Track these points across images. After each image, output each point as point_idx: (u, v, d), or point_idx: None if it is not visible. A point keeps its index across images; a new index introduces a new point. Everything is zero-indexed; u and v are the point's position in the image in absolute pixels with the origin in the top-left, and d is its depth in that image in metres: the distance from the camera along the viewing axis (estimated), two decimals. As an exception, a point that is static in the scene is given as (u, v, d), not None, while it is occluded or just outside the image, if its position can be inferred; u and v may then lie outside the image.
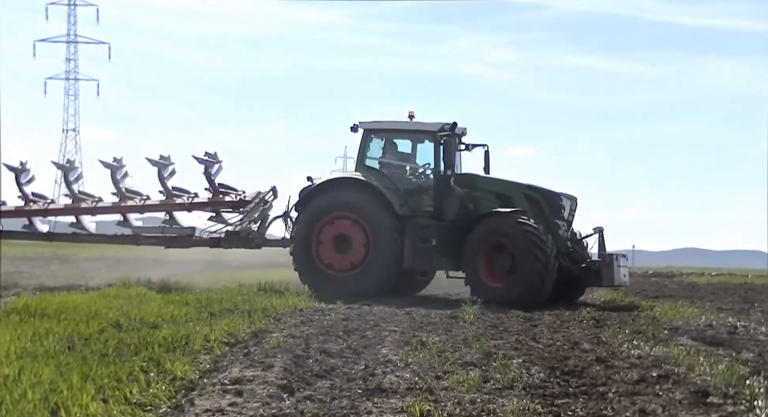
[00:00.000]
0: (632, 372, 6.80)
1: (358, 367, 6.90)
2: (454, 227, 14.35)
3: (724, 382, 6.29)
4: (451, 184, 14.56)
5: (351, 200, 14.67)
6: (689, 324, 10.50)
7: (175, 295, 12.63)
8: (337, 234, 14.73)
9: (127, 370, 6.29)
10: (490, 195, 14.75)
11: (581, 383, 6.40)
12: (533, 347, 8.26)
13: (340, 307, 12.07)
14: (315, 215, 14.88)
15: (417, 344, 8.10)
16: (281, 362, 6.84)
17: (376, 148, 15.41)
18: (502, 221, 13.94)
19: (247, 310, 10.62)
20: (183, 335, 8.06)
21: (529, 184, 14.93)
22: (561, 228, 14.45)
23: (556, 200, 14.62)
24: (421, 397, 5.64)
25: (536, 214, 14.21)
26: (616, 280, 14.19)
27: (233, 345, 7.97)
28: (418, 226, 14.45)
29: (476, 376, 6.41)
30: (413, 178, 15.26)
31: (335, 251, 14.74)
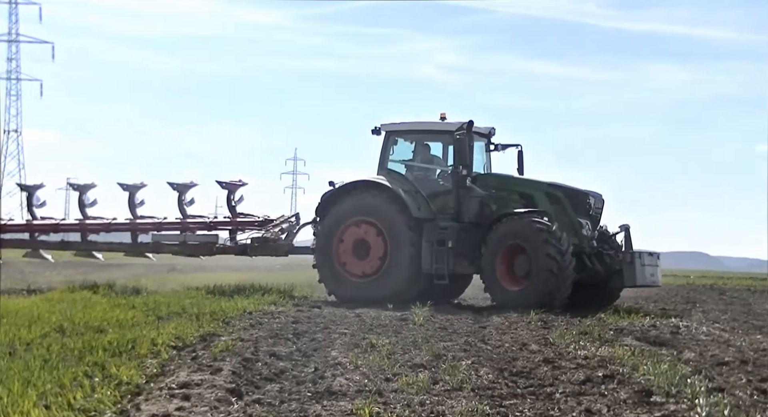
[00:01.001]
0: (578, 372, 6.88)
1: (307, 369, 6.87)
2: (474, 229, 14.05)
3: (667, 381, 6.40)
4: (468, 185, 14.20)
5: (369, 204, 14.41)
6: (634, 324, 10.67)
7: (122, 299, 12.45)
8: (357, 239, 14.48)
9: (70, 375, 6.18)
10: (514, 195, 14.39)
11: (529, 384, 6.46)
12: (482, 349, 8.32)
13: (290, 309, 12.02)
14: (335, 221, 14.65)
15: (367, 346, 8.09)
16: (230, 366, 6.78)
17: (399, 150, 15.17)
18: (518, 222, 13.53)
19: (196, 314, 10.51)
20: (129, 339, 7.94)
21: (552, 182, 14.50)
22: (585, 226, 13.97)
23: (579, 197, 14.19)
24: (371, 400, 5.64)
25: (559, 213, 13.81)
26: (639, 280, 13.61)
27: (181, 349, 7.87)
28: (435, 229, 14.13)
29: (425, 377, 6.42)
30: (437, 180, 14.96)
31: (355, 257, 14.47)
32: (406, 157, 15.17)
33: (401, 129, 15.16)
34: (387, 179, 14.59)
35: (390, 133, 15.08)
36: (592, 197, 14.26)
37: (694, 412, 5.45)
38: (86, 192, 17.84)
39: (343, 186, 14.75)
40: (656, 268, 14.13)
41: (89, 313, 10.04)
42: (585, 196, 14.19)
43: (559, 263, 12.96)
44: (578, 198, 14.14)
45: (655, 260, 14.08)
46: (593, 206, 14.22)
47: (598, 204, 14.38)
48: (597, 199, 14.36)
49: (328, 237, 14.64)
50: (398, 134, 15.14)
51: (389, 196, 14.29)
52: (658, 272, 14.16)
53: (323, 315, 11.33)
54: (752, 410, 5.64)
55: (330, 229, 14.66)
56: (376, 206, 14.33)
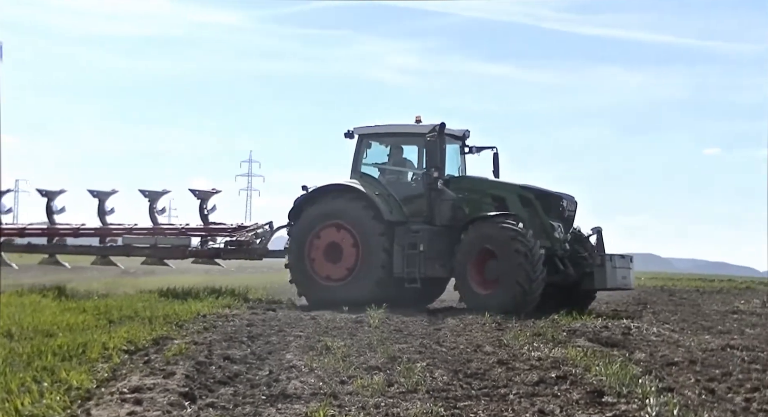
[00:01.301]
0: (532, 373, 6.94)
1: (262, 373, 6.83)
2: (446, 232, 13.91)
3: (618, 381, 6.49)
4: (440, 188, 14.09)
5: (341, 208, 14.31)
6: (586, 326, 10.79)
7: (72, 303, 12.24)
8: (329, 243, 14.37)
9: (18, 380, 6.05)
10: (487, 197, 14.26)
11: (483, 385, 6.49)
12: (437, 351, 8.34)
13: (244, 312, 11.94)
14: (307, 224, 14.55)
15: (322, 349, 8.07)
16: (183, 369, 6.71)
17: (373, 154, 15.07)
18: (488, 226, 13.40)
19: (148, 317, 10.38)
20: (80, 344, 7.81)
21: (524, 184, 14.42)
22: (557, 229, 13.87)
23: (551, 200, 14.12)
24: (326, 402, 5.62)
25: (531, 216, 13.75)
26: (609, 283, 13.55)
27: (133, 353, 7.77)
28: (407, 232, 14.01)
29: (380, 380, 6.43)
30: (410, 184, 14.87)
31: (327, 260, 14.37)
32: (380, 160, 15.06)
33: (374, 132, 15.06)
34: (359, 183, 14.50)
35: (363, 136, 15.00)
36: (564, 200, 14.22)
37: (645, 412, 5.53)
38: (54, 198, 17.44)
39: (315, 190, 14.65)
40: (628, 270, 14.05)
41: (38, 317, 9.85)
42: (557, 199, 14.15)
43: (527, 267, 12.83)
44: (550, 200, 14.09)
45: (627, 263, 14.03)
46: (566, 209, 14.18)
47: (571, 206, 14.33)
48: (569, 202, 14.33)
49: (300, 240, 14.57)
50: (371, 137, 15.06)
51: (361, 199, 14.23)
52: (630, 275, 14.09)
53: (278, 318, 11.28)
54: (701, 409, 5.74)
55: (303, 232, 14.58)
56: (348, 210, 14.25)
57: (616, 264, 13.61)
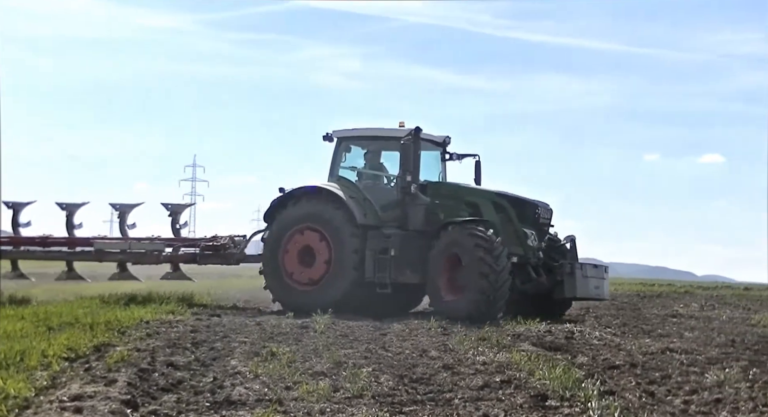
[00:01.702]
0: (477, 378, 7.00)
1: (206, 379, 6.76)
2: (419, 237, 13.69)
3: (561, 385, 6.58)
4: (414, 192, 13.90)
5: (314, 211, 14.07)
6: (530, 330, 10.91)
7: (10, 310, 11.95)
8: (302, 246, 14.13)
9: (-47, 389, 5.89)
10: (462, 204, 14.02)
11: (429, 390, 6.52)
12: (383, 356, 8.36)
13: (188, 318, 11.79)
14: (281, 228, 14.31)
15: (267, 355, 8.02)
16: (125, 377, 6.60)
17: (353, 158, 14.83)
18: (457, 232, 13.17)
19: (89, 324, 10.19)
20: (18, 351, 7.61)
21: (499, 191, 14.25)
22: (530, 236, 13.61)
23: (525, 207, 13.91)
24: (271, 409, 5.59)
25: (504, 223, 13.55)
26: (579, 292, 13.31)
27: (73, 360, 7.61)
28: (379, 237, 13.80)
29: (326, 385, 6.42)
30: (387, 188, 14.61)
31: (301, 264, 14.11)
32: (360, 164, 14.84)
33: (352, 135, 14.86)
34: (334, 186, 14.25)
35: (342, 139, 14.78)
36: (539, 208, 14.00)
37: (587, 415, 5.62)
38: (21, 210, 16.93)
39: (289, 192, 14.42)
40: (602, 280, 13.83)
41: (-25, 324, 9.60)
42: (532, 206, 13.95)
43: (491, 275, 12.62)
44: (524, 208, 13.90)
45: (601, 273, 13.87)
46: (541, 216, 13.95)
47: (546, 214, 14.13)
48: (545, 210, 14.11)
49: (274, 244, 14.36)
50: (350, 141, 14.86)
51: (334, 202, 13.99)
52: (604, 285, 13.87)
53: (223, 324, 11.17)
54: (641, 412, 5.85)
55: (277, 236, 14.32)
56: (322, 213, 14.03)
57: (587, 273, 13.43)
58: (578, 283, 13.21)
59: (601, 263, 14.08)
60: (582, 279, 13.26)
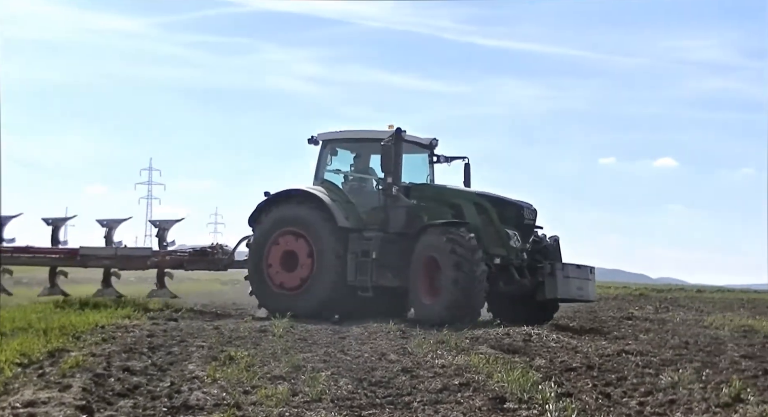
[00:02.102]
0: (436, 381, 7.02)
1: (163, 384, 6.70)
2: (400, 240, 13.49)
3: (519, 387, 6.63)
4: (395, 194, 13.72)
5: (297, 214, 13.95)
6: (489, 333, 10.97)
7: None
8: (285, 250, 14.01)
9: None
10: (444, 205, 13.82)
11: (388, 393, 6.53)
12: (341, 359, 8.34)
13: (144, 323, 11.66)
14: (265, 231, 14.17)
15: (225, 359, 7.96)
16: (80, 382, 6.51)
17: (340, 161, 14.70)
18: (432, 234, 12.96)
19: (43, 329, 10.02)
20: (-31, 357, 7.48)
21: (480, 191, 14.11)
22: (513, 237, 13.37)
23: (507, 208, 13.66)
24: (229, 413, 5.55)
25: (485, 224, 13.35)
26: (561, 292, 12.95)
27: (26, 366, 7.48)
28: (360, 239, 13.64)
29: (285, 389, 6.39)
30: (371, 191, 14.43)
31: (284, 268, 13.99)
32: (347, 167, 14.75)
33: (337, 138, 14.75)
34: (317, 189, 14.16)
35: (326, 142, 14.68)
36: (522, 208, 13.72)
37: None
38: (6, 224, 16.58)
39: (272, 196, 14.25)
40: (587, 281, 13.47)
41: (-77, 330, 9.39)
42: (514, 207, 13.70)
43: (466, 276, 12.41)
44: (507, 208, 13.65)
45: (585, 274, 13.48)
46: (525, 217, 13.69)
47: (530, 215, 13.82)
48: (528, 210, 13.81)
49: (258, 249, 14.20)
50: (335, 143, 14.74)
51: (316, 205, 13.87)
52: (589, 286, 13.48)
53: (180, 328, 11.06)
54: (597, 413, 5.92)
55: (260, 240, 14.20)
56: (304, 216, 13.92)
57: (569, 273, 13.10)
58: (559, 284, 12.89)
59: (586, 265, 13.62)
60: (563, 280, 12.95)
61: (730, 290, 45.22)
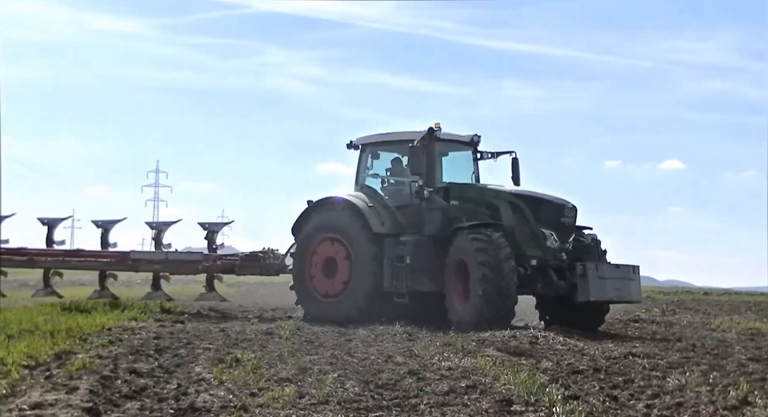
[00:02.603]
0: (442, 383, 7.01)
1: (170, 386, 6.69)
2: (435, 243, 13.06)
3: (526, 390, 6.61)
4: (428, 196, 13.31)
5: (335, 221, 13.88)
6: (495, 335, 10.95)
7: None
8: (325, 257, 13.97)
9: None
10: (481, 206, 13.27)
11: (394, 396, 6.51)
12: (348, 361, 8.33)
13: (151, 325, 11.68)
14: (306, 239, 14.18)
15: (231, 361, 7.97)
16: (87, 384, 6.51)
17: (378, 164, 14.48)
18: (462, 237, 12.51)
19: (50, 331, 10.05)
20: (-24, 359, 7.50)
21: (517, 190, 13.56)
22: (549, 237, 12.77)
23: (543, 207, 13.02)
24: (236, 415, 5.55)
25: (521, 224, 12.82)
26: (593, 294, 12.15)
27: (33, 368, 7.49)
28: (396, 244, 13.35)
29: (291, 391, 6.38)
30: (407, 194, 13.99)
31: (324, 275, 13.95)
32: (376, 170, 14.54)
33: (375, 141, 14.54)
34: (355, 195, 14.06)
35: (365, 146, 14.51)
36: (559, 206, 13.05)
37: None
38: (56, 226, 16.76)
39: (313, 204, 14.22)
40: (628, 281, 12.60)
41: (-69, 332, 9.41)
42: (551, 205, 13.05)
43: (493, 278, 11.95)
44: (543, 207, 13.00)
45: (626, 273, 12.62)
46: (564, 215, 12.98)
47: (569, 213, 13.06)
48: (566, 208, 13.06)
49: (301, 256, 14.19)
50: (374, 147, 14.50)
51: (352, 211, 13.76)
52: (631, 286, 12.61)
53: (186, 330, 11.08)
54: (605, 416, 5.90)
55: (302, 248, 14.20)
56: (341, 223, 13.83)
57: (604, 274, 12.33)
58: (592, 286, 12.11)
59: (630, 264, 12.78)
60: (597, 281, 12.17)
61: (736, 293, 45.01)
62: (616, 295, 12.54)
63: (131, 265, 16.15)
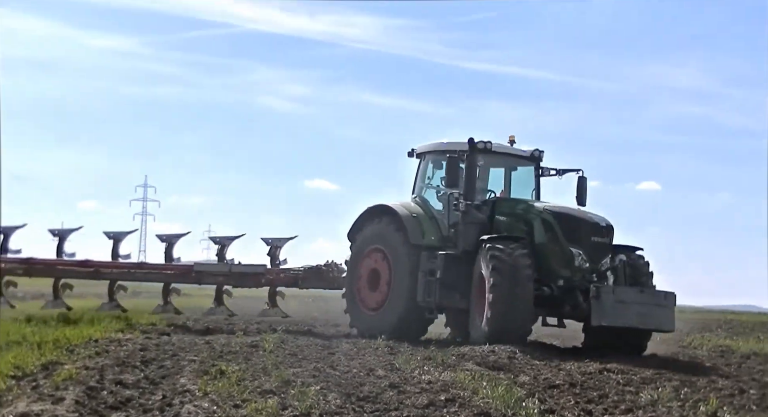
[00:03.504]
0: (422, 396, 6.99)
1: (155, 397, 6.65)
2: (468, 258, 12.18)
3: (504, 403, 6.62)
4: (464, 209, 12.49)
5: (380, 231, 13.23)
6: (474, 350, 10.95)
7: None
8: (371, 269, 13.36)
9: None
10: (519, 221, 12.43)
11: (375, 408, 6.50)
12: (331, 374, 8.31)
13: (137, 337, 11.60)
14: (356, 249, 13.60)
15: (216, 373, 7.92)
16: (73, 395, 6.46)
17: (438, 174, 13.46)
18: (483, 251, 11.74)
19: (37, 342, 9.96)
20: (-36, 369, 7.42)
21: (550, 205, 12.50)
22: (578, 257, 11.79)
23: (572, 224, 11.99)
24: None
25: (551, 241, 11.92)
26: (609, 319, 11.00)
27: (20, 378, 7.41)
28: (430, 258, 12.57)
29: (274, 403, 6.35)
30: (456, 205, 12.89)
31: (369, 287, 13.37)
32: (434, 181, 13.68)
33: (433, 150, 13.65)
34: (403, 204, 13.33)
35: (423, 154, 13.78)
36: (591, 225, 11.95)
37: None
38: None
39: (362, 213, 13.57)
40: (656, 307, 11.27)
41: None
42: (580, 222, 12.00)
43: (502, 294, 11.18)
44: (572, 224, 11.98)
45: (656, 299, 11.34)
46: (598, 235, 11.90)
47: (600, 232, 11.92)
48: (599, 227, 11.95)
49: (351, 267, 13.66)
50: (433, 156, 13.60)
51: (395, 222, 13.03)
52: (660, 313, 11.27)
53: (172, 342, 11.01)
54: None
55: (353, 258, 13.64)
56: (385, 233, 13.16)
57: (623, 297, 11.11)
58: (608, 310, 10.97)
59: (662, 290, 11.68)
60: (614, 304, 11.01)
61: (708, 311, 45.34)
62: (639, 321, 11.18)
63: (194, 278, 15.80)
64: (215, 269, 15.87)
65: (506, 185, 13.67)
